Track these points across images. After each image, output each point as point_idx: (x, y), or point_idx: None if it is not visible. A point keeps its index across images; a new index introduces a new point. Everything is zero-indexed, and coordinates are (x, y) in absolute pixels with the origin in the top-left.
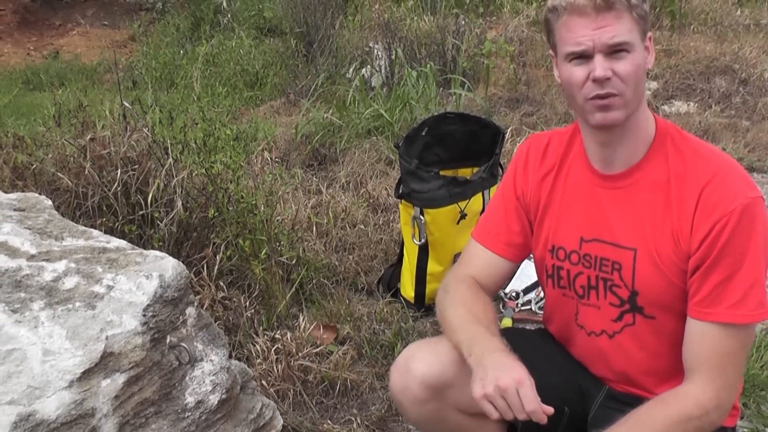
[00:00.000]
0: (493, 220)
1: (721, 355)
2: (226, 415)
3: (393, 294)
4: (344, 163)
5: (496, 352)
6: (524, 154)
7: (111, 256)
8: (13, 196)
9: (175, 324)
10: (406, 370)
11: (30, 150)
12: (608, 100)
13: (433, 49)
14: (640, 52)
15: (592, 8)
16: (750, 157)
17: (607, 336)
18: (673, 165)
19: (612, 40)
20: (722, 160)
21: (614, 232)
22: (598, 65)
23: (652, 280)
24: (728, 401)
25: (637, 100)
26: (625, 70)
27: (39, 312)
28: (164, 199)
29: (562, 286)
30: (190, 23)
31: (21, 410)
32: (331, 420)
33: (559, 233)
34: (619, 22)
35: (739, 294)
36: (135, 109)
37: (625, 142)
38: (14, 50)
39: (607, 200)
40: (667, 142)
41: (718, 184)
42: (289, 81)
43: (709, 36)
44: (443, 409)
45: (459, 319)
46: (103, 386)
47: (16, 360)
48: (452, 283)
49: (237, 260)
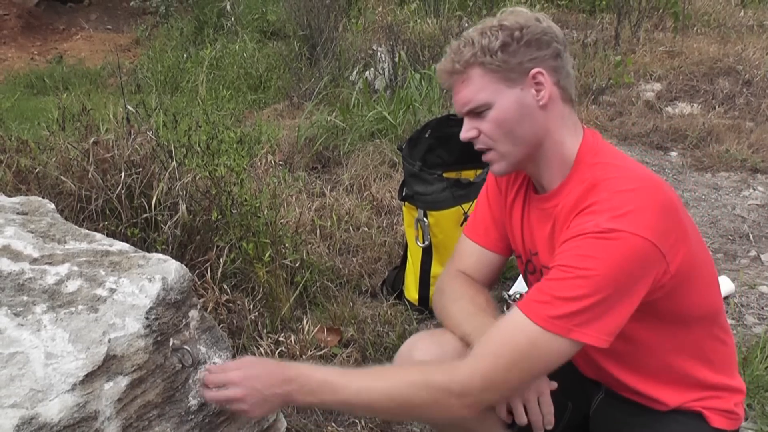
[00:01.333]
0: (480, 215)
1: (502, 341)
2: (229, 417)
3: (397, 296)
4: (348, 165)
5: None
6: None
7: (114, 259)
8: (15, 200)
9: (178, 327)
10: (408, 360)
11: (34, 154)
12: (485, 156)
13: (437, 52)
14: (504, 101)
15: (445, 77)
16: (754, 158)
17: None
18: (578, 191)
19: (464, 109)
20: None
21: (539, 248)
22: (463, 128)
23: None
24: (479, 393)
25: (521, 145)
26: (487, 128)
27: (41, 315)
28: (168, 203)
29: None
30: (193, 27)
31: (23, 413)
32: (335, 423)
33: (518, 242)
34: (466, 86)
35: (549, 296)
36: (139, 112)
37: (542, 174)
38: (18, 54)
39: (538, 218)
40: (581, 167)
41: (588, 213)
42: (293, 84)
43: (712, 37)
44: None
45: (463, 312)
46: (105, 389)
47: (18, 363)
48: (446, 281)
49: (241, 263)
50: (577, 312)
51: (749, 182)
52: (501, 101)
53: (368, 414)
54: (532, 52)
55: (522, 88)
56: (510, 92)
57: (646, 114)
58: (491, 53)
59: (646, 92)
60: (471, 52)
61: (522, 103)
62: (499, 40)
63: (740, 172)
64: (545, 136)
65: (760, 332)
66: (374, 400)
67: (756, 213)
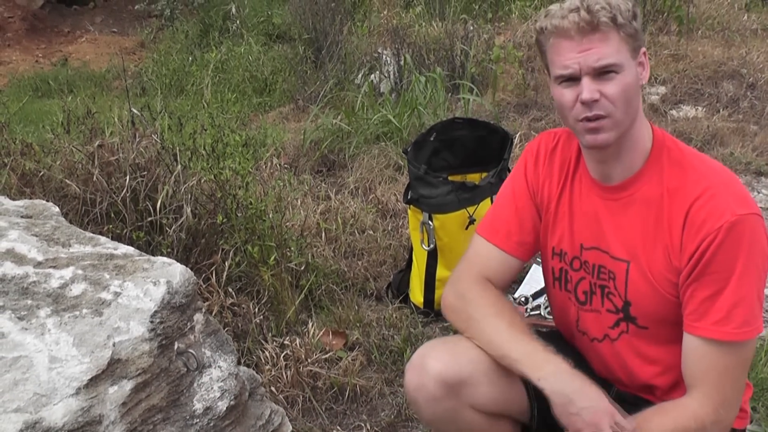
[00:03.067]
0: (503, 217)
1: (718, 372)
2: (234, 421)
3: (402, 299)
4: (353, 168)
5: (569, 375)
6: (534, 152)
7: (118, 262)
8: (20, 203)
9: (183, 330)
10: (421, 369)
11: (38, 157)
12: (597, 123)
13: (442, 55)
14: (630, 70)
15: (576, 31)
16: (758, 161)
17: (609, 341)
18: (667, 180)
19: (597, 63)
20: (715, 175)
21: (609, 243)
22: (585, 88)
23: (643, 292)
24: (727, 417)
25: (630, 119)
26: (613, 92)
27: (46, 319)
28: (173, 206)
29: (568, 290)
30: (198, 30)
31: (27, 418)
32: (340, 426)
33: (564, 238)
34: (605, 44)
35: (724, 311)
36: (144, 115)
37: (621, 158)
38: (23, 57)
39: (604, 210)
40: (663, 155)
41: (707, 200)
42: (298, 87)
43: (716, 41)
44: (458, 408)
45: (503, 333)
46: (110, 393)
47: (22, 367)
48: (470, 287)
49: (246, 266)
50: (748, 312)
51: (753, 185)
52: (628, 68)
53: None
54: (642, 31)
55: (636, 62)
56: (632, 63)
57: (651, 117)
58: (629, 19)
59: (651, 95)
60: (611, 14)
61: (637, 76)
62: (630, 10)
63: (744, 175)
64: (636, 115)
65: (765, 335)
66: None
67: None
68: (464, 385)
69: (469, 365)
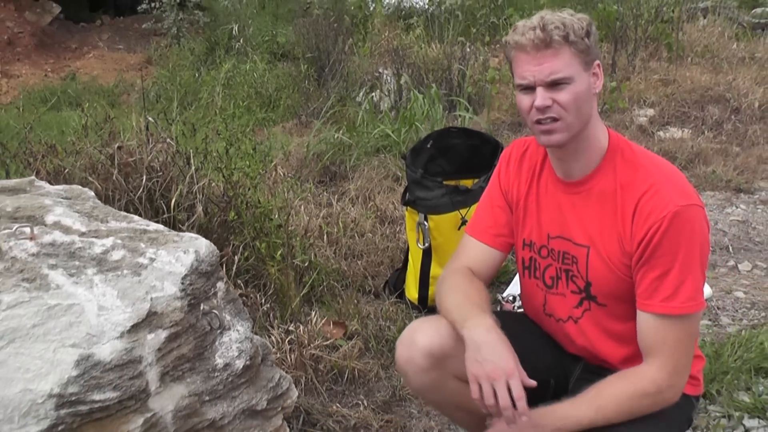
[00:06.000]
0: (482, 215)
1: (669, 341)
2: (248, 380)
3: (398, 296)
4: (354, 179)
5: (486, 328)
6: (507, 157)
7: (151, 236)
8: (59, 188)
9: (208, 294)
10: (410, 343)
11: (61, 157)
12: (550, 125)
13: (440, 75)
14: (581, 81)
15: (532, 47)
16: (738, 179)
17: (573, 321)
18: (620, 176)
19: (549, 77)
20: (661, 173)
21: (571, 231)
22: (538, 96)
23: (601, 274)
24: (680, 382)
25: (581, 123)
26: (565, 99)
27: (93, 276)
28: (186, 204)
29: (536, 277)
30: (205, 48)
31: (82, 352)
32: (340, 403)
33: (533, 230)
34: (557, 59)
35: (671, 289)
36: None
37: (578, 157)
38: (32, 71)
39: (567, 203)
40: (617, 155)
41: (653, 194)
42: (302, 103)
43: (705, 67)
44: (443, 378)
45: (454, 302)
46: (148, 339)
47: (75, 312)
48: (448, 273)
49: (254, 260)
50: (692, 289)
51: (732, 200)
52: (579, 79)
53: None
54: (596, 46)
55: (589, 74)
56: (585, 74)
57: (638, 137)
58: (581, 37)
59: (640, 117)
60: (563, 32)
61: (589, 86)
62: (584, 28)
63: (725, 192)
64: (589, 119)
65: (732, 331)
66: (611, 418)
67: (737, 228)
68: (448, 356)
69: (451, 339)
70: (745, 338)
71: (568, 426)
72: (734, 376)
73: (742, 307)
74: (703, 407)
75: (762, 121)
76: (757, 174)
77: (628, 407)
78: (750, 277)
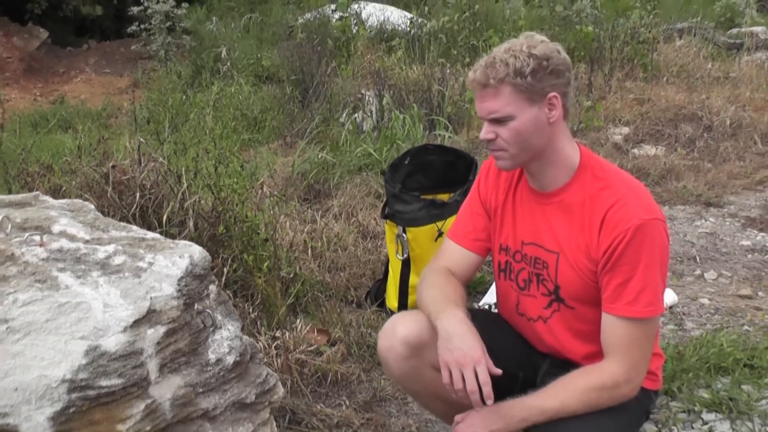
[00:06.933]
0: (462, 221)
1: (629, 341)
2: (238, 375)
3: (379, 305)
4: (337, 196)
5: (457, 320)
6: (486, 169)
7: (149, 243)
8: (63, 201)
9: (201, 295)
10: (391, 333)
11: (57, 176)
12: (496, 153)
13: (420, 96)
14: (524, 116)
15: (476, 86)
16: (708, 194)
17: (542, 321)
18: (589, 190)
19: (488, 116)
20: (627, 188)
21: (543, 238)
22: (483, 130)
23: (569, 279)
24: (637, 378)
25: (529, 152)
26: (505, 135)
27: (98, 278)
28: (177, 220)
29: (511, 279)
30: (191, 71)
31: (90, 343)
32: (323, 404)
33: (509, 236)
34: (496, 99)
35: (633, 295)
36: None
37: (545, 173)
38: (21, 96)
39: (540, 213)
40: (587, 171)
41: (619, 208)
42: (286, 124)
43: (680, 86)
44: (421, 366)
45: (431, 296)
46: (148, 333)
47: (83, 309)
48: (428, 272)
49: (242, 272)
50: (652, 295)
51: (702, 214)
52: (522, 116)
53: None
54: (552, 80)
55: (540, 107)
56: (530, 109)
57: (613, 154)
58: (522, 76)
59: (615, 135)
60: (505, 72)
61: (537, 119)
62: (530, 66)
63: (695, 206)
64: (548, 145)
65: (696, 335)
66: (574, 410)
67: (704, 240)
68: (425, 346)
69: (429, 331)
70: (706, 340)
71: (534, 416)
72: (695, 374)
73: (706, 313)
74: (665, 403)
75: (733, 138)
76: (727, 189)
77: (588, 399)
78: (715, 285)
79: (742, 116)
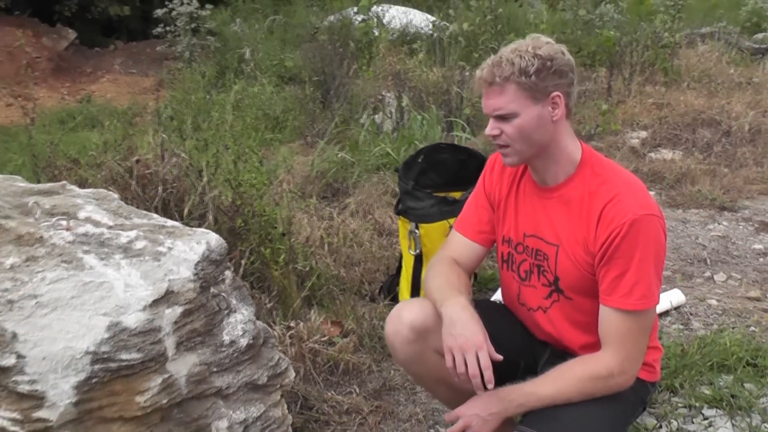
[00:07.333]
0: (467, 213)
1: (624, 333)
2: (251, 358)
3: (392, 299)
4: (354, 194)
5: (461, 307)
6: (492, 163)
7: (169, 230)
8: (88, 191)
9: (217, 279)
10: (398, 318)
11: (83, 169)
12: (501, 150)
13: (439, 97)
14: (529, 113)
15: (483, 83)
16: (723, 198)
17: (542, 310)
18: (588, 186)
19: (494, 113)
20: (625, 185)
21: (544, 231)
22: (488, 125)
23: (568, 270)
24: (631, 369)
25: (533, 148)
26: (510, 131)
27: (120, 260)
28: (197, 213)
29: (512, 270)
30: (215, 71)
31: (112, 319)
32: (334, 391)
33: (512, 228)
34: (501, 96)
35: (628, 288)
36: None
37: (548, 169)
38: (49, 94)
39: (541, 206)
40: (588, 167)
41: (616, 203)
42: (307, 124)
43: (700, 92)
44: (425, 351)
45: (436, 284)
46: (166, 313)
47: (106, 288)
48: (435, 262)
49: (259, 264)
50: (646, 288)
51: (715, 218)
52: (526, 113)
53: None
54: (555, 79)
55: (543, 105)
56: (534, 107)
57: (629, 158)
58: (527, 75)
59: (632, 139)
60: (510, 71)
61: (541, 117)
62: (535, 66)
63: (709, 210)
64: (551, 141)
65: (702, 335)
66: (569, 397)
67: (716, 242)
68: (430, 331)
69: (434, 317)
70: (710, 339)
71: (531, 402)
72: (697, 371)
73: (713, 314)
74: (667, 398)
75: (752, 144)
76: (743, 193)
77: (583, 388)
78: (724, 286)
79: (762, 122)
